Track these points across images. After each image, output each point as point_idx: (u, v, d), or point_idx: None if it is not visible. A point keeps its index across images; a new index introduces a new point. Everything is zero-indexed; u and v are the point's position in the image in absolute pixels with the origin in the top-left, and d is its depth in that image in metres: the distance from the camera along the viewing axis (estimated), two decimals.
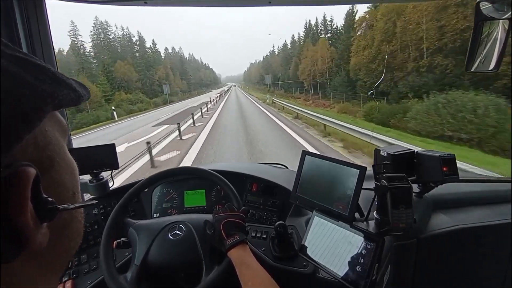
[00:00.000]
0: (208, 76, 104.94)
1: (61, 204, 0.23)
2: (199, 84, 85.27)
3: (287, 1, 0.98)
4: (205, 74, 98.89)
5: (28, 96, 0.18)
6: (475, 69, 0.82)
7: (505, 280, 0.91)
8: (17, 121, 0.17)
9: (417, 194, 0.86)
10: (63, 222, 0.25)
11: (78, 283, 0.81)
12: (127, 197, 0.79)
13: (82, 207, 0.27)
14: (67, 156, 0.26)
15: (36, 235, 0.19)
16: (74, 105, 0.25)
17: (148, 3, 0.89)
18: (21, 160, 0.18)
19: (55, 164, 0.23)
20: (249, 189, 1.08)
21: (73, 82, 0.25)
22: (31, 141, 0.20)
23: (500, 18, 0.75)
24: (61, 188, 0.24)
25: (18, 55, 0.20)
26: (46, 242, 0.21)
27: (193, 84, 72.68)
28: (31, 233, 0.19)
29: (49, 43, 0.91)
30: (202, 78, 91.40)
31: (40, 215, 0.20)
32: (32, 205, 0.19)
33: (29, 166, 0.19)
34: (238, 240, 0.64)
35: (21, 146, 0.18)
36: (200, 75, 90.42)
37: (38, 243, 0.20)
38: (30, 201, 0.19)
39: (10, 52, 0.20)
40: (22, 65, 0.19)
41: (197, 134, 8.42)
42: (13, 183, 0.18)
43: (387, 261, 0.74)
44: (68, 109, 1.71)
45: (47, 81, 0.21)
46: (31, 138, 0.20)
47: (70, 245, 0.26)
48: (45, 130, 0.22)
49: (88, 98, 0.28)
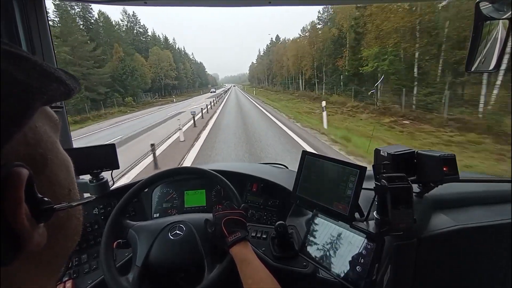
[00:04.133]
0: (191, 73, 71.01)
1: (57, 202, 0.22)
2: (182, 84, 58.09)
3: (287, 1, 0.98)
4: (185, 67, 63.88)
5: (16, 94, 0.18)
6: (475, 69, 0.82)
7: (505, 280, 0.91)
8: (5, 121, 0.17)
9: (417, 194, 0.86)
10: (60, 221, 0.24)
11: (78, 283, 0.81)
12: (127, 197, 0.79)
13: (79, 205, 0.26)
14: (60, 152, 0.25)
15: (33, 236, 0.19)
16: (64, 99, 0.24)
17: (148, 3, 0.89)
18: (12, 160, 0.18)
19: (49, 162, 0.23)
20: (249, 189, 1.08)
21: (63, 75, 0.24)
22: (22, 140, 0.20)
23: (500, 18, 0.75)
24: (56, 186, 0.24)
25: (6, 48, 0.19)
26: (44, 242, 0.21)
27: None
28: (28, 235, 0.19)
29: (49, 42, 0.91)
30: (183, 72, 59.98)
31: (36, 216, 0.20)
32: (27, 206, 0.19)
33: (21, 167, 0.18)
34: (240, 237, 0.64)
35: (11, 145, 0.18)
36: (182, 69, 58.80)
37: (35, 244, 0.19)
38: (25, 202, 0.18)
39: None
40: (10, 60, 0.19)
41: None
42: (6, 185, 0.17)
43: (387, 261, 0.74)
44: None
45: (35, 75, 0.20)
46: (21, 137, 0.20)
47: (67, 244, 0.26)
48: (35, 126, 0.22)
49: (79, 90, 0.27)
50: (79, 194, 0.28)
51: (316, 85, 27.12)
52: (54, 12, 22.70)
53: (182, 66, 60.21)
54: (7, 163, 0.18)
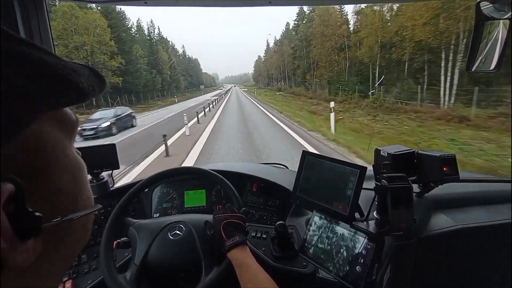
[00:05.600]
0: (170, 67, 45.68)
1: (58, 212, 0.21)
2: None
3: (287, 1, 0.98)
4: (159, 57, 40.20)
5: (11, 101, 0.16)
6: (476, 69, 0.82)
7: (505, 280, 0.91)
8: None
9: (417, 194, 0.86)
10: (61, 231, 0.23)
11: (78, 283, 0.81)
12: (127, 197, 0.79)
13: (76, 218, 0.23)
14: (68, 158, 0.23)
15: (14, 256, 0.17)
16: (78, 102, 0.22)
17: (148, 3, 0.89)
18: (5, 171, 0.17)
19: (49, 170, 0.21)
20: (249, 189, 1.08)
21: (82, 76, 0.21)
22: (19, 147, 0.18)
23: (501, 18, 0.75)
24: (56, 194, 0.22)
25: (6, 46, 0.17)
26: (32, 258, 0.19)
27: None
28: (7, 255, 0.17)
29: (50, 43, 0.91)
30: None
31: (21, 233, 0.18)
32: (10, 224, 0.17)
33: (6, 182, 0.16)
34: (238, 241, 0.64)
35: (4, 155, 0.16)
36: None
37: (20, 262, 0.18)
38: (8, 219, 0.17)
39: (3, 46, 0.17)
40: (11, 62, 0.17)
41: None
42: None
43: (387, 261, 0.74)
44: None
45: (40, 79, 0.18)
46: (19, 144, 0.18)
47: (68, 253, 0.24)
48: (40, 132, 0.20)
49: (103, 90, 0.25)
50: (92, 200, 0.26)
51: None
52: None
53: (137, 52, 31.83)
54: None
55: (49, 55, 0.19)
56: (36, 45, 0.19)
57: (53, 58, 0.20)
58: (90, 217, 0.27)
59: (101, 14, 26.71)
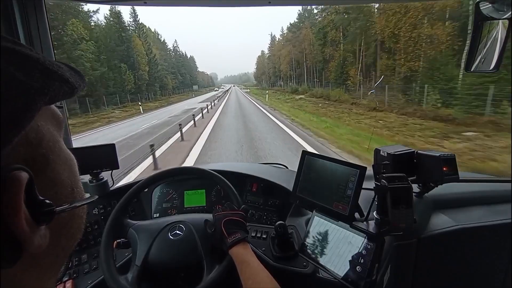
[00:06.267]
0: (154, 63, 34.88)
1: (60, 202, 0.22)
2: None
3: (287, 1, 0.98)
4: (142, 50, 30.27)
5: (16, 96, 0.17)
6: (475, 69, 0.82)
7: (505, 280, 0.91)
8: (4, 124, 0.16)
9: (417, 194, 0.86)
10: (63, 220, 0.24)
11: (78, 283, 0.81)
12: (127, 197, 0.79)
13: (82, 205, 0.26)
14: (63, 151, 0.25)
15: (33, 239, 0.19)
16: (68, 97, 0.24)
17: (148, 3, 0.89)
18: (12, 163, 0.18)
19: (50, 161, 0.23)
20: (249, 189, 1.08)
21: (67, 72, 0.23)
22: (23, 141, 0.19)
23: (500, 18, 0.75)
24: (58, 185, 0.23)
25: (7, 46, 0.19)
26: (45, 244, 0.20)
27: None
28: (28, 238, 0.18)
29: (49, 43, 0.91)
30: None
31: (37, 218, 0.19)
32: (27, 209, 0.19)
33: (21, 170, 0.18)
34: (240, 238, 0.64)
35: (12, 147, 0.17)
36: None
37: (36, 247, 0.19)
38: (26, 205, 0.18)
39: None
40: (10, 59, 0.18)
41: None
42: (5, 190, 0.17)
43: (387, 261, 0.74)
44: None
45: (37, 75, 0.19)
46: (22, 137, 0.19)
47: (69, 243, 0.26)
48: (38, 126, 0.21)
49: (84, 87, 0.26)
50: (83, 192, 0.28)
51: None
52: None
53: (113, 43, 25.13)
54: (6, 166, 0.17)
55: (37, 53, 0.21)
56: (25, 44, 0.21)
57: (41, 55, 0.21)
58: (85, 209, 0.28)
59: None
